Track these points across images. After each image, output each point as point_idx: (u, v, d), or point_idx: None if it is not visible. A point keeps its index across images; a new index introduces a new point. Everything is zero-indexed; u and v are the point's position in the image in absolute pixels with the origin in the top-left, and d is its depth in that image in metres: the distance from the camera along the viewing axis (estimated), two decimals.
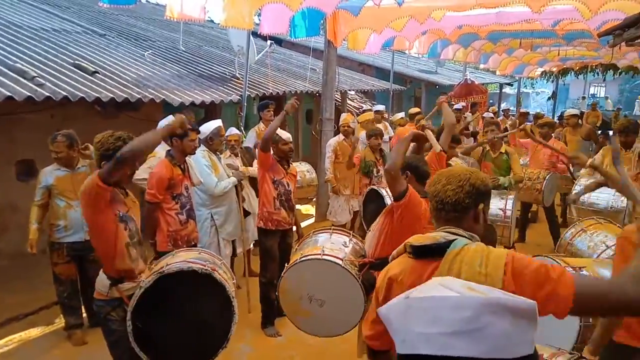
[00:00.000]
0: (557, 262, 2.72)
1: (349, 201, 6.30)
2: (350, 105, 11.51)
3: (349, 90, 11.18)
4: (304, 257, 2.85)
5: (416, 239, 1.59)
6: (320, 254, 2.80)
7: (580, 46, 9.83)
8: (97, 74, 5.59)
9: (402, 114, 9.02)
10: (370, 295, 2.79)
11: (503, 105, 17.04)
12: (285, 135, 4.26)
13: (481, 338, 0.87)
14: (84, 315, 4.11)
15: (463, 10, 6.34)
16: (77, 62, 5.80)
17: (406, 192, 2.63)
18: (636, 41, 6.17)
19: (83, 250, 3.90)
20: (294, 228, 4.49)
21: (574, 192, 4.99)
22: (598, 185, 3.08)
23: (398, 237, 2.51)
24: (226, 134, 4.72)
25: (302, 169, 6.18)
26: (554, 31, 7.89)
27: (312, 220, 7.60)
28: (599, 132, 12.90)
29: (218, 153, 4.53)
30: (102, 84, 5.31)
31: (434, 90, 15.26)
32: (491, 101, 19.79)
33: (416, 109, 8.48)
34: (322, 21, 7.14)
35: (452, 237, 1.51)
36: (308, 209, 8.09)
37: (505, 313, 0.89)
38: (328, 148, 6.40)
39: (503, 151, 5.49)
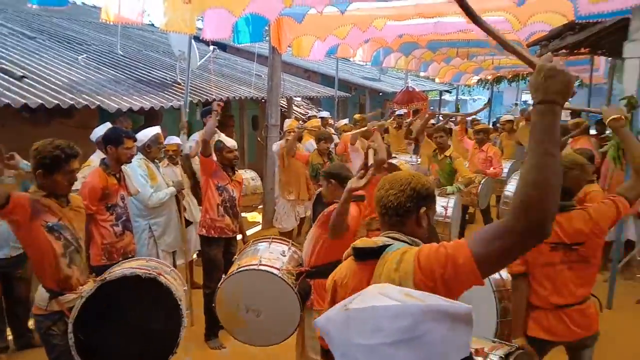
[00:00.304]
0: None
1: (294, 207, 6.28)
2: (297, 111, 11.54)
3: (295, 97, 11.20)
4: (240, 268, 2.82)
5: (360, 242, 1.62)
6: (257, 264, 2.78)
7: (512, 55, 10.37)
8: (25, 79, 5.25)
9: (346, 121, 9.14)
10: (306, 303, 2.79)
11: (443, 112, 17.70)
12: (230, 142, 4.19)
13: (420, 346, 0.86)
14: (10, 338, 3.82)
15: (403, 20, 6.53)
16: (2, 66, 5.42)
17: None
18: (561, 51, 6.66)
19: (8, 267, 3.64)
20: (239, 237, 4.41)
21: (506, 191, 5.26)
22: None
23: (334, 246, 2.55)
24: (164, 143, 4.57)
25: (247, 176, 6.11)
26: (487, 41, 8.28)
27: (259, 227, 7.52)
28: None
29: (157, 161, 4.37)
30: (30, 89, 4.98)
31: (377, 97, 15.64)
32: (432, 108, 20.48)
33: (360, 116, 8.62)
34: (266, 27, 7.12)
35: (391, 241, 1.53)
36: (255, 216, 8.00)
37: (444, 319, 0.89)
38: (275, 147, 6.38)
39: (447, 154, 5.66)
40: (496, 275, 2.85)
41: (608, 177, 5.28)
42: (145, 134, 4.20)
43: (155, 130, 4.29)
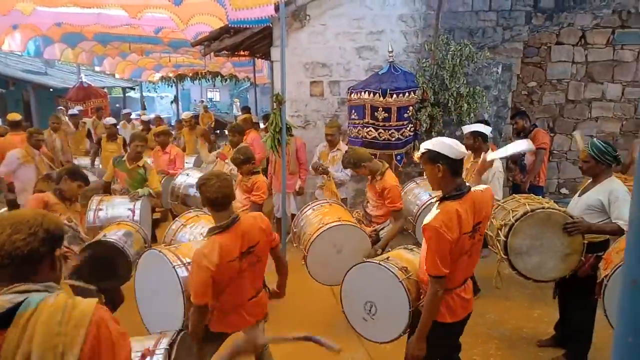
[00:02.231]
0: (164, 253, 2.83)
1: None
2: None
3: None
4: None
5: None
6: None
7: (187, 54, 10.75)
8: None
9: None
10: None
11: (134, 110, 16.92)
12: None
13: None
14: None
15: (55, 6, 5.79)
16: None
17: None
18: (222, 52, 7.27)
19: None
20: None
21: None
22: None
23: None
24: None
25: None
26: (159, 38, 8.29)
27: None
28: (216, 131, 14.72)
29: None
30: None
31: (46, 93, 13.58)
32: (117, 105, 19.33)
33: (16, 115, 7.15)
34: None
35: (20, 297, 1.27)
36: None
37: None
38: None
39: (141, 165, 5.26)
40: (184, 273, 2.75)
41: (272, 163, 6.12)
42: None
43: None
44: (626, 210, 3.56)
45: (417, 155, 2.48)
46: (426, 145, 2.39)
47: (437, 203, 2.39)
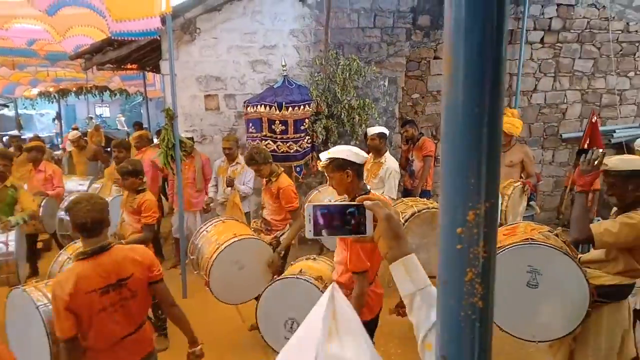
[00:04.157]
0: (28, 292, 2.58)
1: None
2: None
3: None
4: None
5: None
6: None
7: (68, 68, 9.94)
8: None
9: None
10: None
11: (9, 130, 15.15)
12: None
13: None
14: None
15: None
16: None
17: None
18: (106, 65, 6.84)
19: None
20: None
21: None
22: None
23: None
24: None
25: None
26: (34, 50, 7.57)
27: None
28: (107, 149, 13.65)
29: None
30: None
31: None
32: None
33: None
34: None
35: None
36: None
37: None
38: None
39: (9, 185, 4.76)
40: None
41: (173, 181, 5.78)
42: None
43: None
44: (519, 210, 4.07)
45: (321, 165, 2.56)
46: (329, 154, 2.49)
47: None
